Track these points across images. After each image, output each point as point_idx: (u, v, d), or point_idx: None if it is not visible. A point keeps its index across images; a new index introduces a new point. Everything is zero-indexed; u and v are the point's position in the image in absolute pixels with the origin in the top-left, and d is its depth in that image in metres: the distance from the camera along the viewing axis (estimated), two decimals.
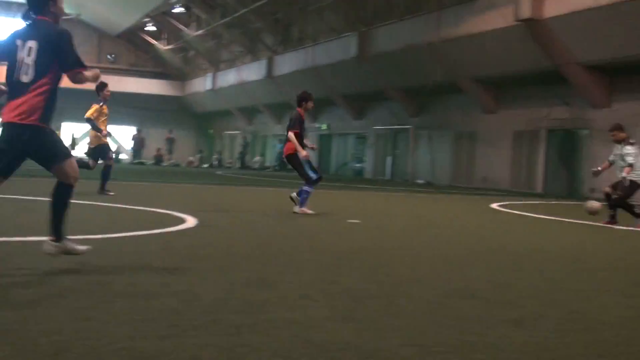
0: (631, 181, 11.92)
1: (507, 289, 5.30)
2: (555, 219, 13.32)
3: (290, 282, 5.10)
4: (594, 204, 12.29)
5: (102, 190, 12.77)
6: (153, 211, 10.13)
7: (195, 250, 6.47)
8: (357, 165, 40.40)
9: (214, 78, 50.46)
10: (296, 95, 11.94)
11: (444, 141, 32.40)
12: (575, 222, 12.70)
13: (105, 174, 13.02)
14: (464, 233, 9.79)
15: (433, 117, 33.08)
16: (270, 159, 48.28)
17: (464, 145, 31.19)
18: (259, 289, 4.76)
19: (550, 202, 20.20)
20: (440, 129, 32.49)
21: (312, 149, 12.13)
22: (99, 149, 13.22)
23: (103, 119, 13.14)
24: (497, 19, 24.27)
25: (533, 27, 22.88)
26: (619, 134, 12.23)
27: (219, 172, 33.67)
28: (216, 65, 51.11)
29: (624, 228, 11.63)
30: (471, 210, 15.25)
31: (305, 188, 11.12)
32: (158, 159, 46.02)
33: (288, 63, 40.18)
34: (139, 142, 47.18)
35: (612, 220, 12.07)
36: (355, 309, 4.28)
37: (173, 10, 46.58)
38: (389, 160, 36.68)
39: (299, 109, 11.53)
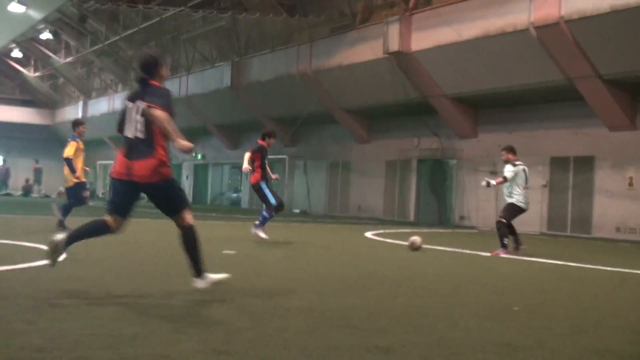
0: (512, 204, 12.49)
1: (378, 317, 5.41)
2: (426, 247, 13.69)
3: (161, 315, 5.02)
4: (416, 239, 12.40)
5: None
6: (19, 245, 9.74)
7: (62, 284, 6.27)
8: (234, 195, 40.26)
9: (84, 106, 49.19)
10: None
11: (319, 171, 32.77)
12: (445, 250, 13.10)
13: (66, 210, 13.14)
14: (338, 262, 9.92)
15: (308, 147, 33.44)
16: None
17: (339, 174, 31.65)
18: (128, 323, 4.66)
19: (422, 230, 20.73)
20: (316, 159, 32.87)
21: (276, 179, 13.52)
22: (76, 187, 13.23)
23: (80, 157, 13.28)
24: (367, 51, 24.88)
25: (401, 59, 23.59)
26: (508, 155, 12.87)
27: (91, 204, 32.66)
28: (87, 93, 49.88)
29: (489, 254, 12.10)
30: (346, 239, 15.46)
31: (265, 213, 12.50)
32: (26, 190, 44.29)
33: None
34: (5, 173, 45.22)
35: (518, 245, 12.67)
36: (228, 342, 4.26)
37: (41, 37, 45.21)
38: None
39: (260, 141, 13.13)
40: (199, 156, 41.81)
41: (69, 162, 12.97)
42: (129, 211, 5.97)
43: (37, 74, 52.25)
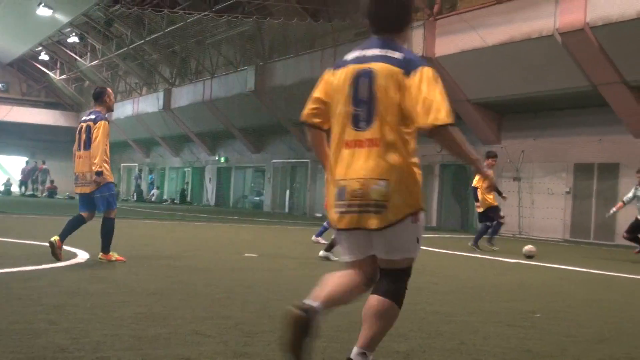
0: None
1: (398, 323, 5.40)
2: (447, 252, 13.67)
3: (183, 317, 5.05)
4: (531, 248, 13.05)
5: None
6: (44, 245, 9.83)
7: (84, 285, 6.33)
8: (256, 198, 40.36)
9: None
10: (194, 128, 12.85)
11: None
12: (467, 255, 13.06)
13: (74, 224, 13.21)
14: None
15: None
16: (169, 192, 47.71)
17: None
18: (150, 324, 4.69)
19: (444, 236, 20.69)
20: None
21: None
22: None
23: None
24: None
25: None
26: None
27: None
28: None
29: (512, 261, 12.04)
30: None
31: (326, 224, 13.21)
32: (51, 191, 44.61)
33: (185, 96, 39.97)
34: (28, 174, 45.34)
35: None
36: (247, 344, 4.28)
37: (67, 40, 45.62)
38: (287, 193, 36.84)
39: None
40: (223, 159, 41.98)
41: None
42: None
43: (63, 76, 52.70)
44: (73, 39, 43.44)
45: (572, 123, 22.43)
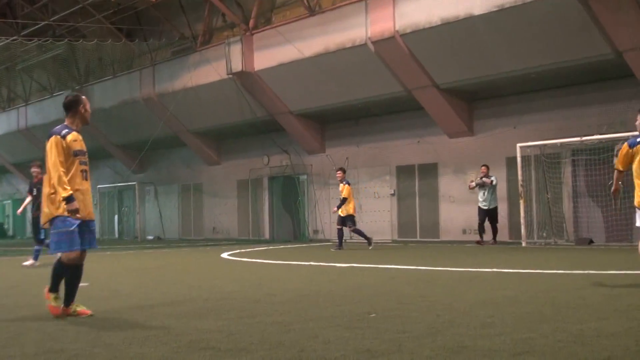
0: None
1: (239, 337, 5.39)
2: (282, 263, 13.78)
3: (10, 356, 4.78)
4: None
5: None
6: None
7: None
8: None
9: None
10: (11, 159, 12.64)
11: (170, 195, 32.34)
12: (302, 264, 13.23)
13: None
14: (195, 285, 9.80)
15: (158, 172, 32.94)
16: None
17: (191, 197, 31.36)
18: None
19: (277, 247, 20.85)
20: (166, 183, 32.42)
21: None
22: None
23: None
24: (211, 73, 24.87)
25: (245, 79, 23.74)
26: None
27: None
28: None
29: (345, 265, 12.32)
30: (202, 262, 15.31)
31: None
32: None
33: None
34: None
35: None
36: None
37: None
38: (115, 218, 35.86)
39: None
40: None
41: None
42: None
43: None
44: None
45: (392, 127, 23.32)
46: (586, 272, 10.23)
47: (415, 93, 20.67)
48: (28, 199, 15.37)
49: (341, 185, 18.33)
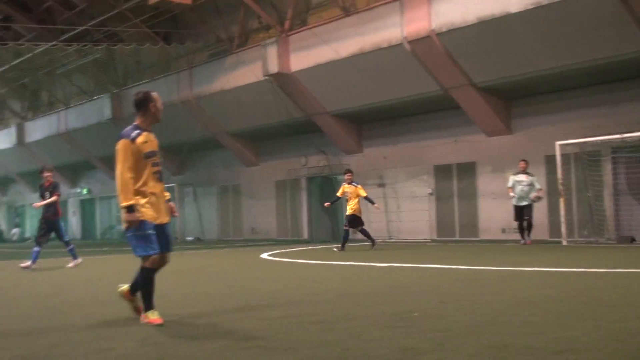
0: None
1: (284, 336, 5.48)
2: (322, 263, 13.86)
3: (64, 354, 4.92)
4: None
5: None
6: None
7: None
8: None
9: None
10: (52, 162, 12.84)
11: (209, 196, 32.62)
12: (342, 264, 13.30)
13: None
14: (236, 285, 9.91)
15: (196, 174, 33.23)
16: (31, 230, 45.85)
17: (230, 198, 31.58)
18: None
19: (316, 247, 20.94)
20: (205, 185, 32.71)
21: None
22: None
23: None
24: (248, 75, 25.02)
25: (282, 80, 23.87)
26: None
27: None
28: None
29: (385, 265, 12.36)
30: (242, 262, 15.44)
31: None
32: None
33: (40, 129, 38.67)
34: None
35: None
36: None
37: None
38: None
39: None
40: (85, 191, 40.82)
41: None
42: None
43: None
44: None
45: (428, 127, 23.29)
46: (628, 270, 10.16)
47: (452, 92, 20.62)
48: (54, 198, 14.73)
49: (351, 186, 18.48)
